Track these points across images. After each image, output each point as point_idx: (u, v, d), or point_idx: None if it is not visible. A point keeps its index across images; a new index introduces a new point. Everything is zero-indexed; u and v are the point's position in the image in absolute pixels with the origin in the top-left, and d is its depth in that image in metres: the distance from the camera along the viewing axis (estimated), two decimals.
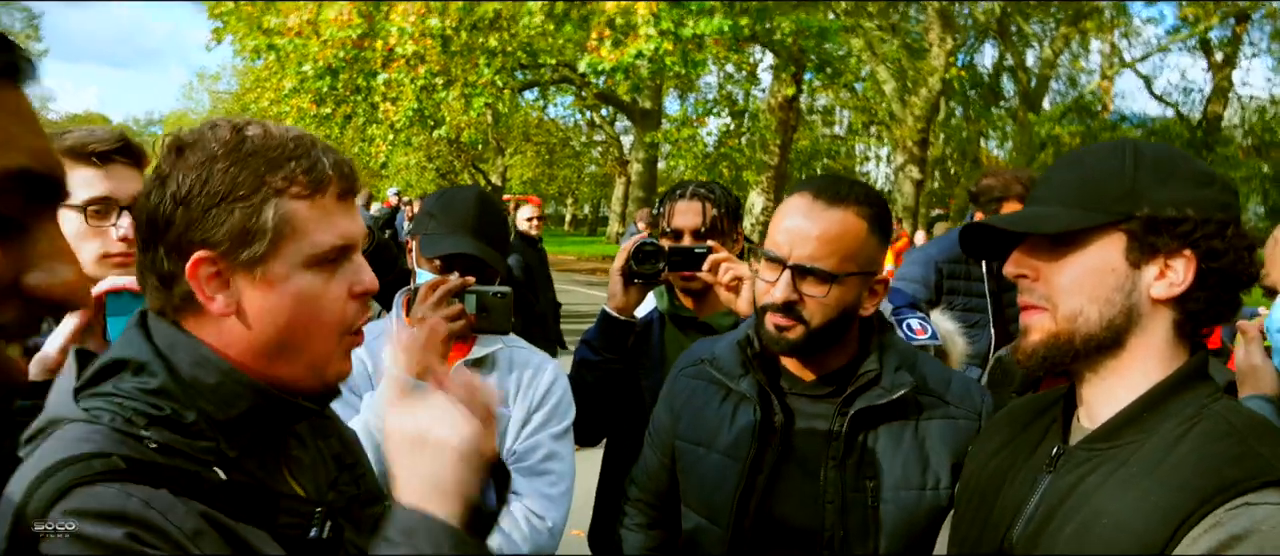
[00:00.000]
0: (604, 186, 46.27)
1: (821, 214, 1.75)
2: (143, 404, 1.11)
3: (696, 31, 13.04)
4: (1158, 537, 1.15)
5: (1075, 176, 1.35)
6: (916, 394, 1.83)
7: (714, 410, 1.96)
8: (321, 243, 1.16)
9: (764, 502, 1.85)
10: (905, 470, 1.79)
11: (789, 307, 1.76)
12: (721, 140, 20.81)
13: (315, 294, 1.17)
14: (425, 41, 14.21)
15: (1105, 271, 1.29)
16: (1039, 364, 1.34)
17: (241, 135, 1.16)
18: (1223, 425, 1.21)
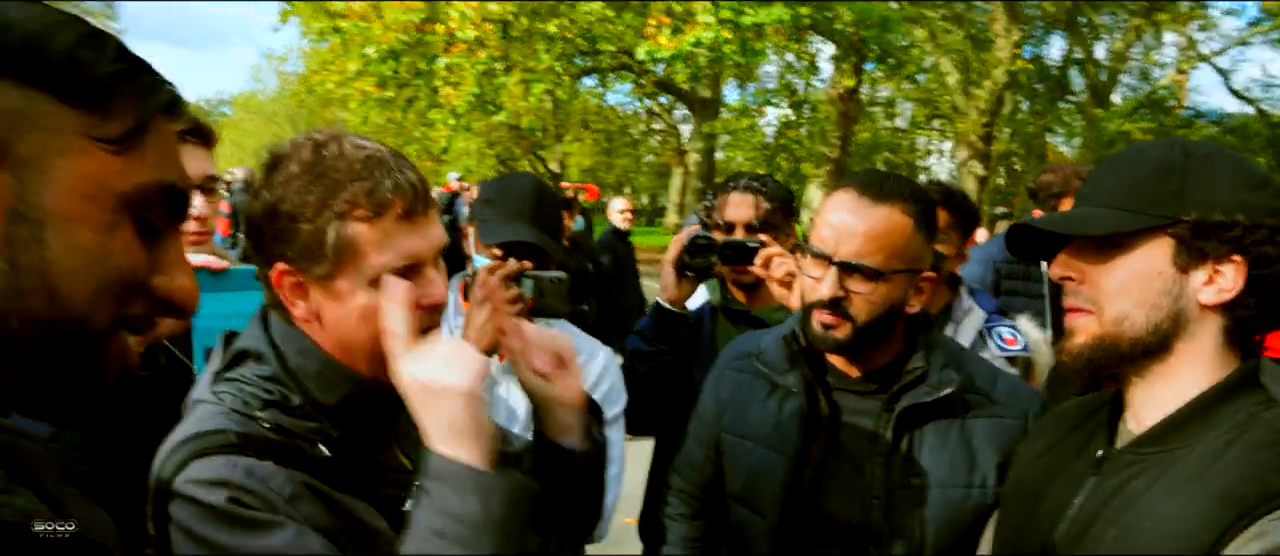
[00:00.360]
0: (662, 176, 46.22)
1: (868, 210, 1.75)
2: (258, 389, 1.27)
3: (756, 20, 12.95)
4: (1201, 544, 1.14)
5: (1123, 177, 1.33)
6: (963, 392, 1.83)
7: (760, 403, 1.97)
8: (382, 264, 1.23)
9: (810, 497, 1.85)
10: (952, 468, 1.79)
11: (835, 304, 1.76)
12: (780, 131, 20.66)
13: (377, 309, 1.23)
14: (485, 27, 14.33)
15: (1152, 275, 1.27)
16: (1084, 366, 1.33)
17: (319, 154, 1.25)
18: (1272, 433, 1.20)
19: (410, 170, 1.29)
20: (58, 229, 0.71)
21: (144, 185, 0.76)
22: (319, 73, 21.69)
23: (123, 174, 0.74)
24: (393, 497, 1.28)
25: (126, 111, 0.74)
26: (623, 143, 39.19)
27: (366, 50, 15.39)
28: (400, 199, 1.25)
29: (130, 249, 0.76)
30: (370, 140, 1.31)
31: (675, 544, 2.17)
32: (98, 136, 0.72)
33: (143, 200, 0.76)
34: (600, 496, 1.56)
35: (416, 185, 1.28)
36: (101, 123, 0.73)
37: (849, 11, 15.09)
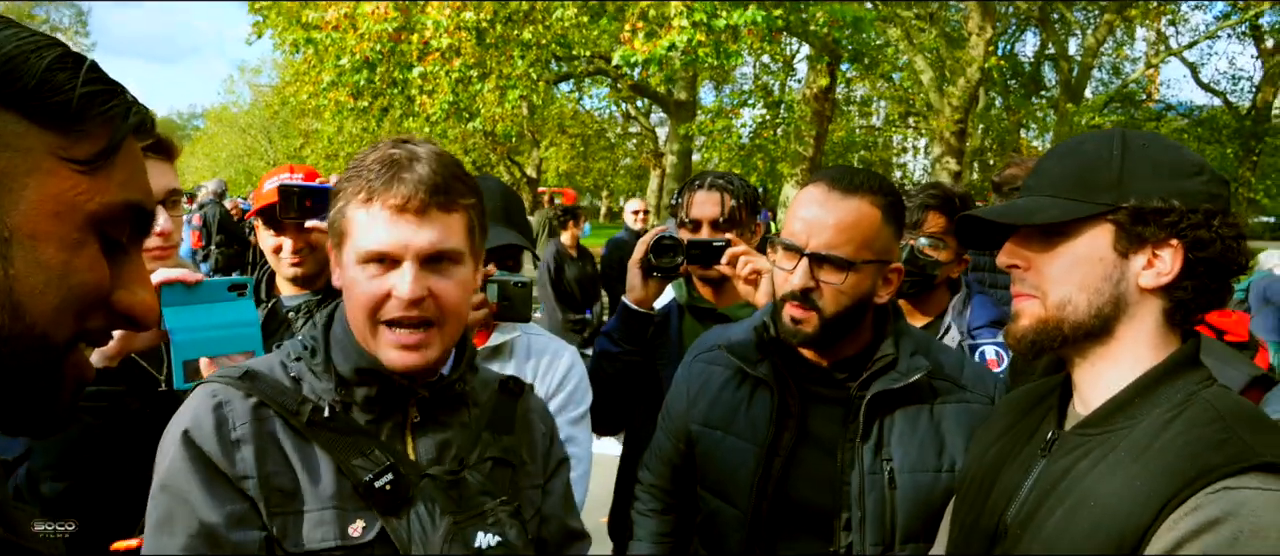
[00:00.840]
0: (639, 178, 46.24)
1: (838, 203, 1.80)
2: (302, 343, 1.50)
3: (730, 23, 12.99)
4: (1141, 520, 1.17)
5: (1065, 168, 1.38)
6: (931, 378, 1.87)
7: (731, 394, 2.00)
8: (360, 245, 1.39)
9: (781, 485, 1.89)
10: (921, 452, 1.83)
11: (805, 295, 1.80)
12: (756, 132, 20.72)
13: (357, 284, 1.41)
14: (460, 35, 14.28)
15: (1093, 261, 1.32)
16: (1028, 348, 1.37)
17: (373, 150, 1.44)
18: (1209, 411, 1.23)
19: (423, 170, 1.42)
20: (23, 246, 0.72)
21: (111, 204, 0.78)
22: (293, 84, 21.60)
23: (90, 193, 0.76)
24: (363, 470, 1.38)
25: (98, 133, 0.76)
26: (599, 146, 39.17)
27: (341, 61, 15.33)
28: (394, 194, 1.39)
29: (94, 266, 0.78)
30: (427, 145, 1.45)
31: (645, 539, 2.18)
32: (68, 157, 0.74)
33: (109, 218, 0.78)
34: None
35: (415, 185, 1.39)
36: (73, 144, 0.75)
37: (823, 13, 15.16)
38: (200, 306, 1.80)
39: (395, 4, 14.50)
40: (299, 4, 15.97)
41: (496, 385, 1.66)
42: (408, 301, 1.38)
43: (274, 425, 1.39)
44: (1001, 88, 30.68)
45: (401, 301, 1.38)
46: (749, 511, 1.90)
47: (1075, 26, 32.04)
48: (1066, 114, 26.89)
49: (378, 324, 1.41)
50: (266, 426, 1.39)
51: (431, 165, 1.40)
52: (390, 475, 1.39)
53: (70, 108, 0.74)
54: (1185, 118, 30.98)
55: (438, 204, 1.39)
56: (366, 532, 1.37)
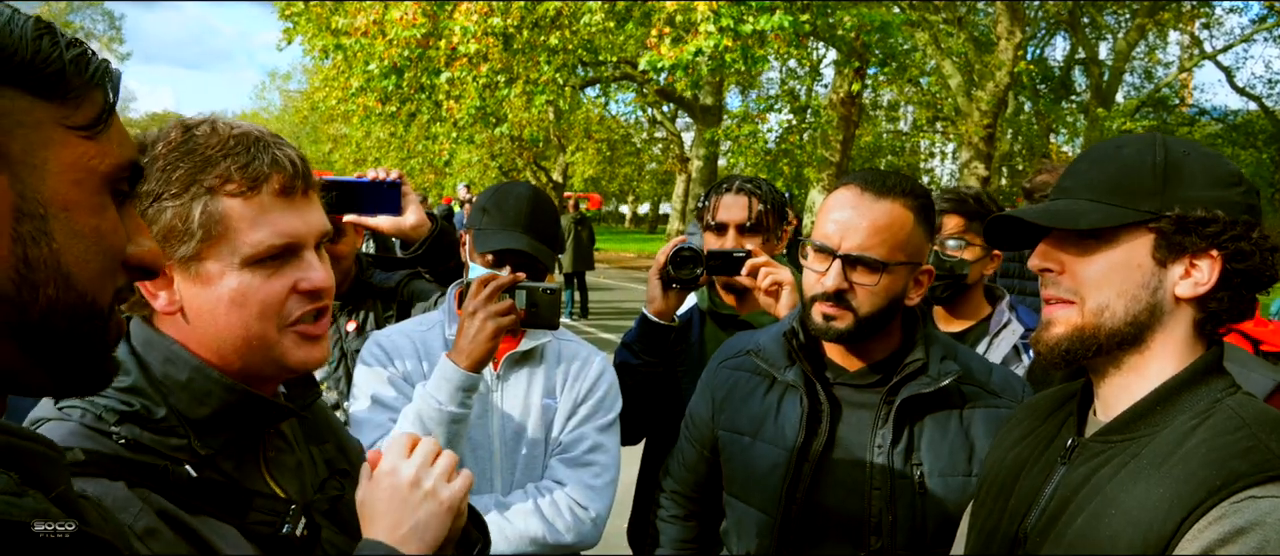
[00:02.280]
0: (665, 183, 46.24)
1: (871, 205, 1.80)
2: (114, 400, 1.14)
3: (756, 28, 12.97)
4: (1165, 529, 1.16)
5: (1104, 172, 1.35)
6: (961, 383, 1.87)
7: (759, 400, 1.99)
8: (257, 241, 1.15)
9: (811, 490, 1.88)
10: (951, 457, 1.83)
11: (839, 296, 1.81)
12: (783, 137, 20.67)
13: (250, 292, 1.16)
14: (488, 40, 14.38)
15: (1132, 267, 1.30)
16: (1061, 357, 1.35)
17: (188, 134, 1.18)
18: (1233, 419, 1.22)
19: (290, 148, 1.22)
20: (59, 219, 0.74)
21: (118, 164, 0.80)
22: (322, 89, 21.82)
23: (99, 156, 0.78)
24: (267, 524, 1.17)
25: (93, 97, 0.78)
26: (625, 151, 39.24)
27: (369, 66, 15.47)
28: (278, 174, 1.17)
29: (117, 226, 0.80)
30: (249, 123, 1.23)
31: (668, 545, 2.18)
32: (72, 125, 0.76)
33: (117, 177, 0.80)
34: None
35: (296, 162, 1.20)
36: (72, 111, 0.76)
37: (850, 17, 15.11)
38: None
39: (423, 10, 14.62)
40: (328, 10, 16.13)
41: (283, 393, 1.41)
42: (322, 288, 1.21)
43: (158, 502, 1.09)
44: (1031, 92, 30.38)
45: (313, 290, 1.20)
46: (778, 516, 1.89)
47: (1106, 30, 31.67)
48: (1097, 119, 26.57)
49: (282, 329, 1.20)
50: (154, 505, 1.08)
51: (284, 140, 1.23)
52: (303, 519, 1.20)
53: (65, 76, 0.75)
54: (1219, 123, 30.53)
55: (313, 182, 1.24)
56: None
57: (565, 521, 2.14)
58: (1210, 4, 28.85)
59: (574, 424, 2.25)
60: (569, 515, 2.14)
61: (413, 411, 2.01)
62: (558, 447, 2.23)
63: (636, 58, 15.82)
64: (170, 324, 1.20)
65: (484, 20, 14.24)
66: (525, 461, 2.20)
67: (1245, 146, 28.88)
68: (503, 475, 2.18)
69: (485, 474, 2.18)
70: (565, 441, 2.24)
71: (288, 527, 1.18)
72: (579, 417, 2.26)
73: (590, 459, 2.23)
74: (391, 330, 2.34)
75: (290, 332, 1.20)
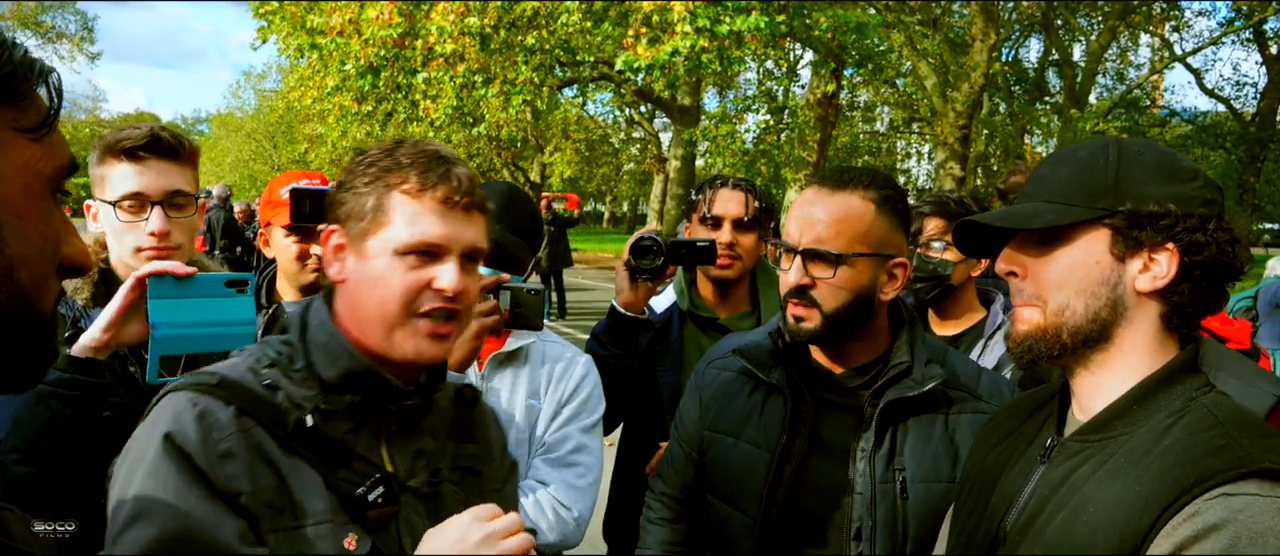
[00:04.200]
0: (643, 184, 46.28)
1: (827, 198, 1.82)
2: (274, 350, 1.41)
3: (733, 28, 13.00)
4: (1140, 526, 1.18)
5: (1061, 173, 1.39)
6: (947, 387, 1.85)
7: (744, 400, 1.99)
8: (409, 234, 1.36)
9: (793, 493, 1.87)
10: (935, 462, 1.81)
11: (803, 292, 1.81)
12: (760, 137, 20.74)
13: (393, 275, 1.36)
14: (464, 40, 14.31)
15: (1090, 264, 1.33)
16: (1025, 354, 1.38)
17: (398, 144, 1.42)
18: (1207, 417, 1.24)
19: (463, 170, 1.41)
20: (11, 226, 0.74)
21: (60, 165, 0.80)
22: (297, 89, 21.63)
23: (45, 159, 0.78)
24: (350, 483, 1.34)
25: (37, 100, 0.77)
26: (603, 151, 39.21)
27: (345, 66, 15.36)
28: (444, 186, 1.37)
29: (61, 227, 0.81)
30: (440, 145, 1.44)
31: (655, 546, 2.16)
32: (20, 128, 0.76)
33: (59, 179, 0.80)
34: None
35: (464, 181, 1.40)
36: (20, 115, 0.76)
37: (826, 18, 15.17)
38: (191, 301, 1.76)
39: (399, 10, 14.54)
40: (304, 9, 16.00)
41: (453, 392, 1.63)
42: (451, 294, 1.37)
43: (258, 436, 1.31)
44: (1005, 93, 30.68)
45: (443, 293, 1.37)
46: (759, 518, 1.88)
47: (1079, 32, 32.04)
48: (1071, 119, 26.87)
49: (411, 316, 1.38)
50: (251, 437, 1.31)
51: (466, 166, 1.42)
52: (381, 488, 1.36)
53: (15, 79, 0.75)
54: (1189, 124, 30.98)
55: (478, 203, 1.42)
56: (360, 546, 1.34)
57: (548, 521, 2.14)
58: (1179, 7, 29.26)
59: (558, 424, 2.25)
60: (552, 515, 2.15)
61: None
62: (541, 448, 2.24)
63: (614, 58, 15.81)
64: (339, 297, 1.44)
65: (460, 20, 14.17)
66: None
67: (1214, 147, 29.31)
68: None
69: None
70: (549, 442, 2.24)
71: (362, 491, 1.33)
72: (563, 418, 2.26)
73: (574, 459, 2.23)
74: None
75: (416, 322, 1.38)
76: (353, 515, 1.34)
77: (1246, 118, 30.06)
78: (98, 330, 1.74)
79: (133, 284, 1.75)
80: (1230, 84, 32.65)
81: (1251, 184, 28.38)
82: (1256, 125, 28.96)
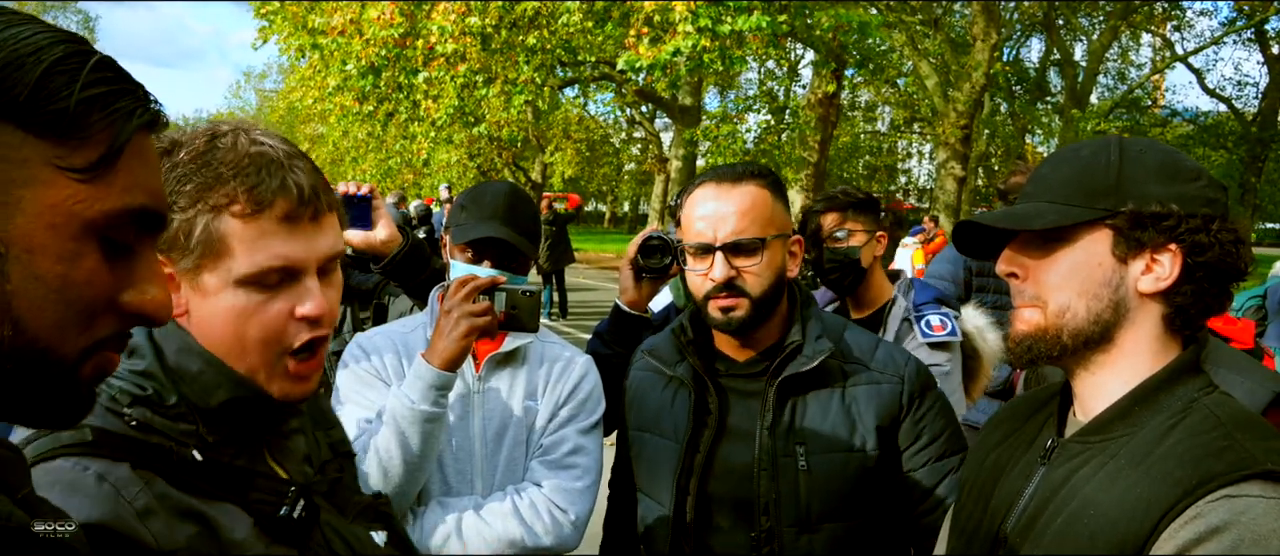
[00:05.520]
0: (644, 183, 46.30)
1: (730, 193, 1.92)
2: (129, 383, 1.18)
3: (734, 28, 13.00)
4: (1142, 529, 1.17)
5: (1062, 173, 1.37)
6: (842, 362, 1.96)
7: (657, 396, 2.10)
8: (252, 263, 1.17)
9: (703, 480, 1.97)
10: (833, 433, 1.91)
11: (729, 285, 1.89)
12: (761, 137, 20.75)
13: (246, 311, 1.18)
14: (465, 40, 14.31)
15: (1092, 266, 1.31)
16: (1024, 355, 1.37)
17: (212, 144, 1.19)
18: (1209, 419, 1.23)
19: (302, 173, 1.22)
20: (19, 261, 0.71)
21: (112, 211, 0.75)
22: (298, 89, 21.65)
23: (89, 201, 0.74)
24: (268, 504, 1.21)
25: (100, 137, 0.74)
26: (604, 151, 39.23)
27: (346, 66, 15.36)
28: (283, 199, 1.18)
29: (93, 276, 0.75)
30: (276, 137, 1.24)
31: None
32: (66, 166, 0.72)
33: (111, 225, 0.75)
34: None
35: (304, 188, 1.20)
36: (71, 152, 0.72)
37: (827, 18, 15.17)
38: None
39: (400, 9, 14.55)
40: (304, 9, 16.01)
41: None
42: (317, 316, 1.22)
43: (160, 487, 1.13)
44: (1006, 93, 30.67)
45: (310, 320, 1.21)
46: (672, 507, 1.98)
47: (1080, 32, 32.03)
48: (1072, 119, 26.86)
49: (278, 356, 1.22)
50: (155, 489, 1.12)
51: (302, 158, 1.23)
52: (301, 501, 1.23)
53: (68, 115, 0.72)
54: (1191, 123, 30.97)
55: (326, 205, 1.24)
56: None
57: (544, 524, 2.13)
58: (1181, 6, 29.24)
59: (555, 426, 2.24)
60: (548, 518, 2.13)
61: (387, 410, 2.00)
62: (538, 450, 2.23)
63: (615, 58, 15.80)
64: (184, 323, 1.23)
65: (461, 20, 14.18)
66: (506, 463, 2.19)
67: (1216, 147, 29.30)
68: (484, 477, 2.17)
69: (466, 475, 2.17)
70: (546, 443, 2.23)
71: (286, 509, 1.20)
72: (560, 420, 2.25)
73: (571, 461, 2.22)
74: (374, 332, 2.32)
75: (284, 363, 1.22)
76: (275, 536, 1.21)
77: (1248, 118, 30.04)
78: None
79: None
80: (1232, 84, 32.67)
81: (1253, 184, 28.38)
82: (1258, 125, 28.95)
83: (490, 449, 2.19)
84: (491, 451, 2.19)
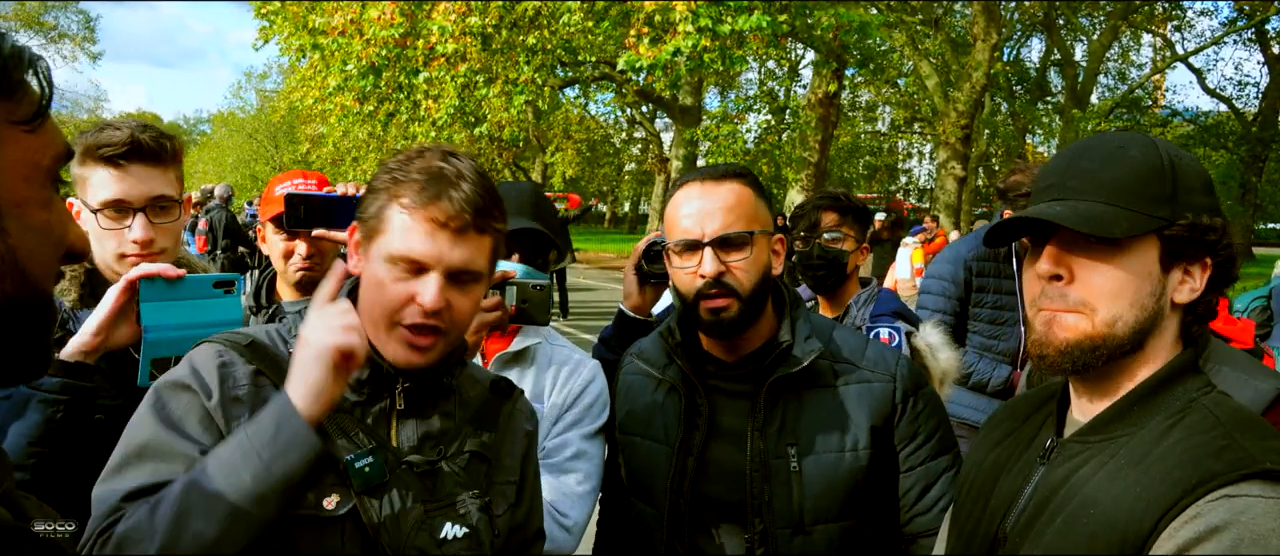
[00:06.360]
0: (645, 183, 46.31)
1: (715, 191, 1.91)
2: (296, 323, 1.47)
3: (735, 28, 13.00)
4: (1142, 529, 1.17)
5: (1115, 173, 1.31)
6: (832, 362, 1.96)
7: (646, 400, 2.08)
8: (396, 246, 1.43)
9: (696, 482, 1.96)
10: (825, 434, 1.91)
11: (719, 282, 1.87)
12: (762, 137, 20.75)
13: (383, 282, 1.44)
14: (466, 40, 14.33)
15: (1143, 276, 1.29)
16: (1069, 363, 1.31)
17: (420, 155, 1.49)
18: (1208, 418, 1.23)
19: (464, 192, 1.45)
20: (13, 216, 0.75)
21: (58, 155, 0.80)
22: (299, 89, 21.65)
23: (42, 150, 0.78)
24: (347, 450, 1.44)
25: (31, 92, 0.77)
26: (605, 151, 39.23)
27: (346, 66, 15.37)
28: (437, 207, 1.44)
29: (63, 217, 0.81)
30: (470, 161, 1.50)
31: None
32: (16, 121, 0.76)
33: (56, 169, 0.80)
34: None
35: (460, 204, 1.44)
36: (15, 107, 0.76)
37: (828, 18, 15.17)
38: (181, 303, 1.76)
39: (401, 9, 14.55)
40: (305, 10, 16.02)
41: (488, 384, 1.70)
42: (428, 310, 1.43)
43: (269, 393, 1.42)
44: (1007, 93, 30.68)
45: (422, 309, 1.43)
46: (667, 510, 1.97)
47: (1081, 32, 32.04)
48: (1072, 119, 26.87)
49: (393, 324, 1.45)
50: (263, 393, 1.43)
51: (475, 186, 1.46)
52: (370, 458, 1.44)
53: (6, 73, 0.75)
54: (1191, 123, 30.97)
55: (475, 226, 1.45)
56: (340, 507, 1.41)
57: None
58: (1181, 6, 29.24)
59: (559, 430, 2.22)
60: (546, 521, 2.13)
61: None
62: (541, 452, 2.21)
63: (615, 57, 15.81)
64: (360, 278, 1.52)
65: (462, 20, 14.19)
66: None
67: (1217, 147, 29.29)
68: None
69: None
70: (548, 447, 2.20)
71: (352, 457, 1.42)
72: (564, 424, 2.22)
73: (572, 466, 2.19)
74: None
75: (399, 331, 1.45)
76: (341, 478, 1.42)
77: (1248, 117, 30.05)
78: (88, 333, 1.73)
79: (123, 287, 1.75)
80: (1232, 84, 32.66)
81: (1254, 184, 28.39)
82: (1258, 125, 28.95)
83: None
84: None
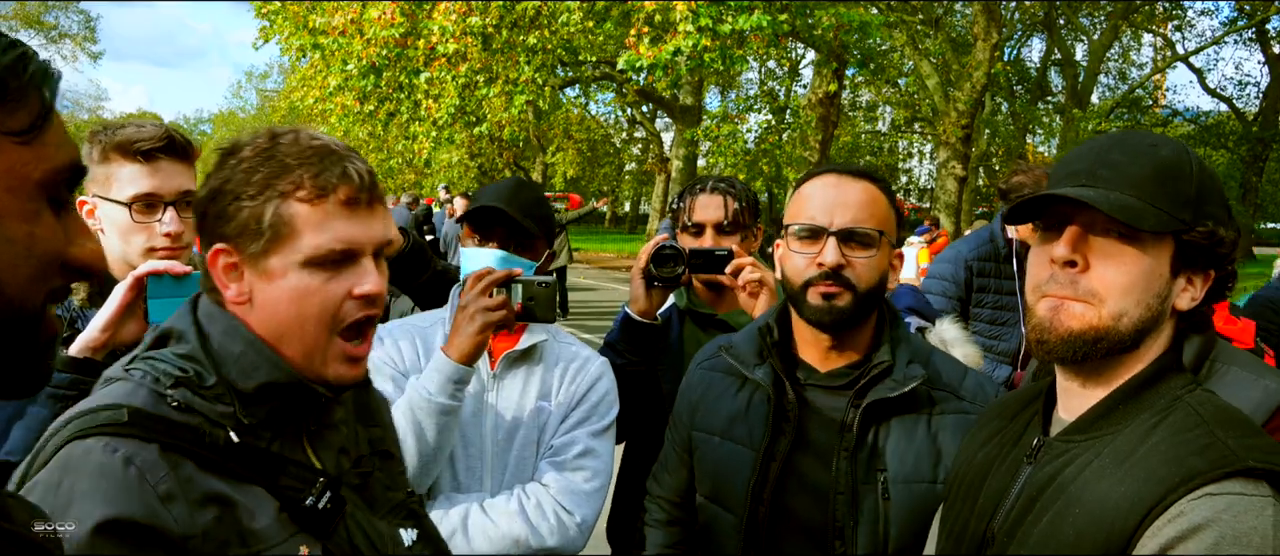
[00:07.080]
0: (645, 183, 46.30)
1: (851, 185, 1.85)
2: (172, 365, 1.26)
3: (735, 28, 13.00)
4: (1126, 527, 1.18)
5: (1144, 168, 1.28)
6: (930, 388, 1.85)
7: (730, 399, 1.98)
8: (317, 245, 1.26)
9: (777, 492, 1.86)
10: (917, 463, 1.80)
11: (837, 273, 1.80)
12: (762, 137, 20.74)
13: (309, 291, 1.28)
14: (466, 40, 14.33)
15: (1155, 276, 1.28)
16: (1068, 352, 1.30)
17: (274, 141, 1.29)
18: (1192, 417, 1.24)
19: (360, 163, 1.32)
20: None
21: (55, 167, 0.79)
22: (299, 89, 21.65)
23: (34, 162, 0.77)
24: (294, 491, 1.27)
25: (30, 101, 0.77)
26: (605, 151, 39.22)
27: (347, 66, 15.37)
28: (345, 186, 1.28)
29: (53, 231, 0.80)
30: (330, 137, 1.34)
31: (653, 548, 2.15)
32: (6, 131, 0.75)
33: (53, 182, 0.79)
34: None
35: (364, 176, 1.31)
36: (7, 117, 0.75)
37: (828, 17, 15.17)
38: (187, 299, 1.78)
39: (401, 9, 14.55)
40: (305, 9, 16.02)
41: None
42: (373, 295, 1.31)
43: (187, 470, 1.18)
44: (1007, 93, 30.67)
45: (365, 297, 1.30)
46: (745, 517, 1.87)
47: (1081, 32, 32.03)
48: (1073, 119, 26.85)
49: (332, 334, 1.30)
50: (181, 473, 1.17)
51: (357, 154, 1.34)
52: (328, 492, 1.29)
53: (4, 82, 0.75)
54: (1192, 123, 30.96)
55: (379, 195, 1.35)
56: (313, 553, 1.28)
57: (549, 524, 2.12)
58: (1182, 6, 29.23)
59: (567, 427, 2.22)
60: (553, 518, 2.12)
61: (404, 402, 2.02)
62: (549, 450, 2.22)
63: (616, 57, 15.81)
64: (240, 312, 1.31)
65: (462, 20, 14.19)
66: (516, 462, 2.19)
67: (1217, 147, 29.29)
68: (493, 475, 2.17)
69: (476, 473, 2.17)
70: (556, 444, 2.21)
71: (312, 498, 1.27)
72: (572, 421, 2.22)
73: (580, 463, 2.20)
74: (393, 324, 2.34)
75: (337, 345, 1.31)
76: (301, 524, 1.27)
77: (1249, 117, 30.04)
78: (96, 330, 1.74)
79: (131, 283, 1.76)
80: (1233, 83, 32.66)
81: (1254, 183, 28.38)
82: (1259, 124, 28.94)
83: (501, 447, 2.19)
84: (502, 449, 2.19)
